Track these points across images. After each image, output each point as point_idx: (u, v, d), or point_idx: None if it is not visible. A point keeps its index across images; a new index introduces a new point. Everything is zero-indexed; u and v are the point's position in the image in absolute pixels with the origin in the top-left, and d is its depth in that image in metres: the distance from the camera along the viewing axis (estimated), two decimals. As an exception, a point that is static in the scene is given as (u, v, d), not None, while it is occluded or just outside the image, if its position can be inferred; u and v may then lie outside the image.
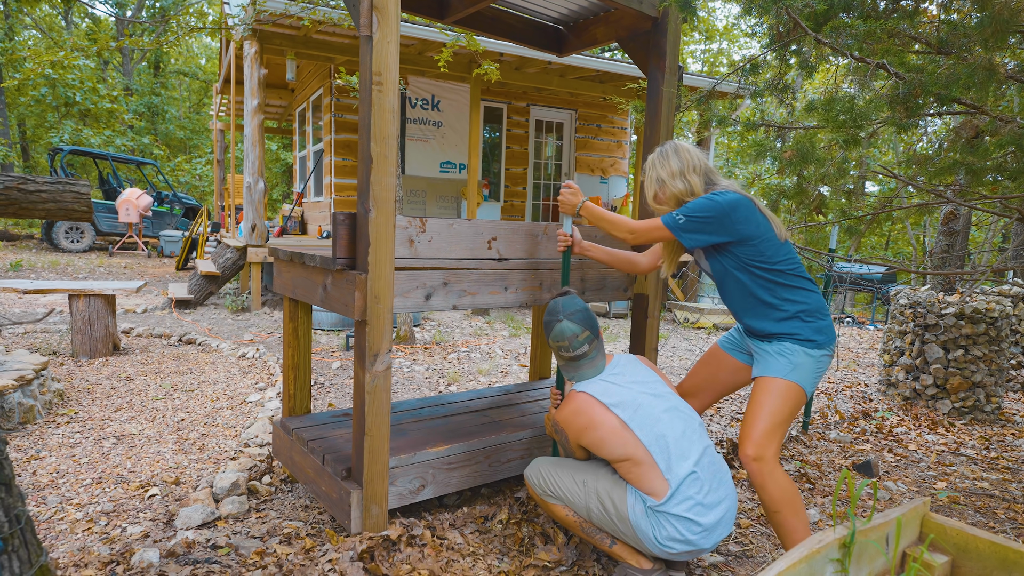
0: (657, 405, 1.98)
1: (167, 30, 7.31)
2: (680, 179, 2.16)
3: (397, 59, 2.07)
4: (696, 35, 20.91)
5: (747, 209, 2.04)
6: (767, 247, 2.05)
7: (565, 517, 2.06)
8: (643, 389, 2.02)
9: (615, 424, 1.92)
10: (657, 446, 1.90)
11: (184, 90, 26.06)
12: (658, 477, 1.87)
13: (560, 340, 2.07)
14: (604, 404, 1.96)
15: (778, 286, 2.07)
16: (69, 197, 1.84)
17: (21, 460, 2.93)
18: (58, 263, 10.81)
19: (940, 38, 2.47)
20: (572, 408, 2.01)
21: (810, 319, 2.06)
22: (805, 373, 2.03)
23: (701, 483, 1.89)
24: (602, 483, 1.99)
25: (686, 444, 1.93)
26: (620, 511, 1.92)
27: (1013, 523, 2.68)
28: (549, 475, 2.09)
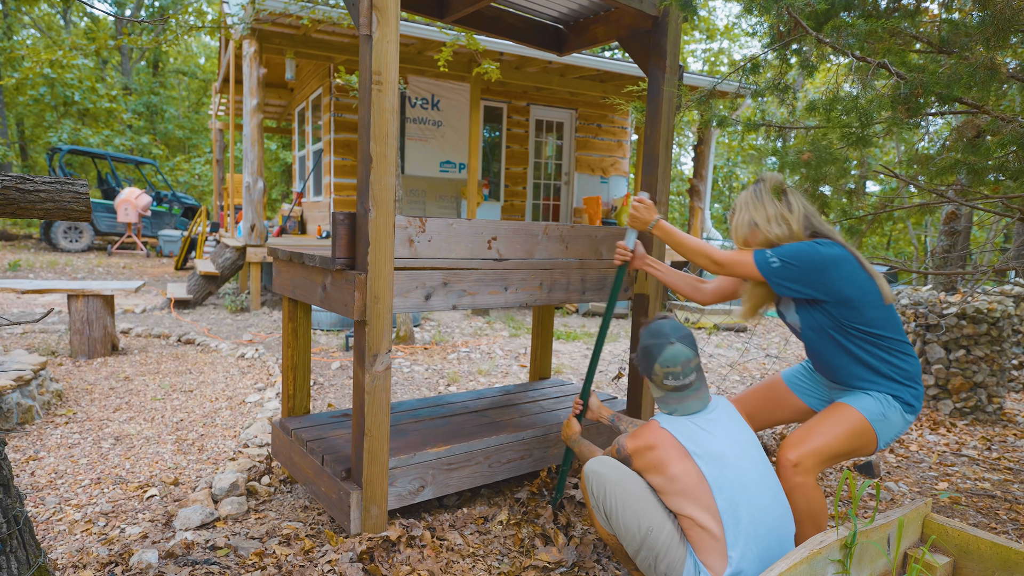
0: (747, 469, 1.72)
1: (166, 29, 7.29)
2: (777, 224, 2.00)
3: (397, 58, 2.06)
4: (697, 34, 20.91)
5: (851, 266, 1.89)
6: (869, 312, 1.90)
7: (607, 538, 1.91)
8: (735, 444, 1.77)
9: (692, 474, 1.70)
10: (731, 517, 1.66)
11: (183, 89, 26.04)
12: (720, 554, 1.65)
13: (672, 366, 1.82)
14: (686, 449, 1.73)
15: (879, 348, 1.92)
16: (68, 197, 1.83)
17: (19, 461, 2.92)
18: (57, 263, 10.80)
19: (941, 37, 2.47)
20: (648, 442, 1.79)
21: (910, 384, 1.93)
22: (888, 428, 1.91)
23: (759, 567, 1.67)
24: (663, 538, 1.74)
25: (763, 528, 1.68)
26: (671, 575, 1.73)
27: (1015, 524, 2.67)
28: (613, 498, 1.83)
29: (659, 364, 1.84)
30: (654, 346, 1.87)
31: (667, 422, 1.82)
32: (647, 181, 2.90)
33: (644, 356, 1.90)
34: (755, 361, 5.93)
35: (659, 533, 1.75)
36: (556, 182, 10.66)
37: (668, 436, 1.77)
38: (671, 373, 1.83)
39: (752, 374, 5.40)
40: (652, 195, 2.85)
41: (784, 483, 1.87)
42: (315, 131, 9.68)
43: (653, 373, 1.87)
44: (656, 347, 1.86)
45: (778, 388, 2.26)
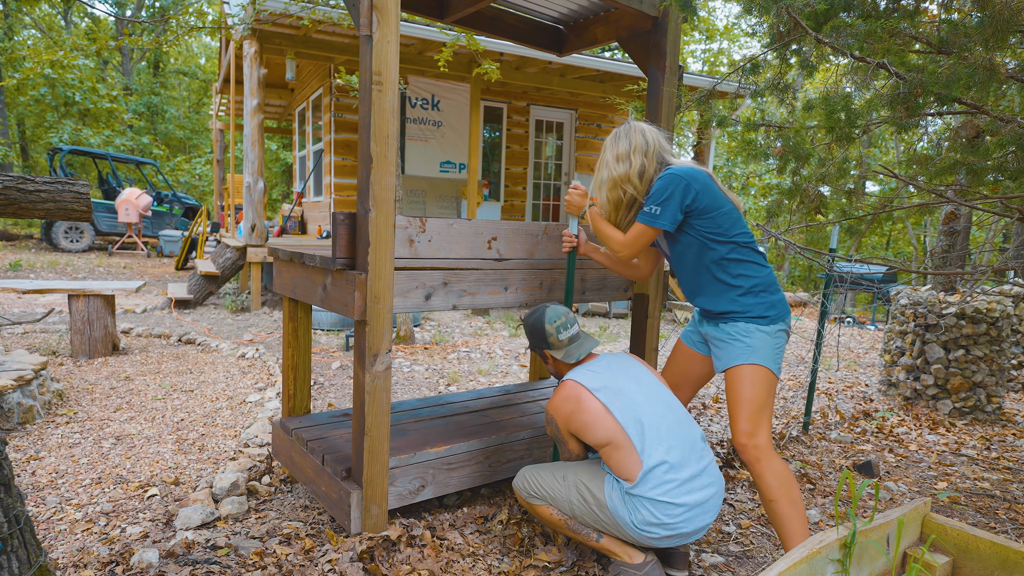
0: (638, 391, 2.02)
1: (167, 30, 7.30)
2: (619, 162, 2.20)
3: (397, 59, 2.06)
4: (696, 35, 20.91)
5: (704, 181, 2.09)
6: (724, 220, 2.09)
7: (550, 516, 2.09)
8: (626, 376, 2.07)
9: (598, 408, 1.97)
10: (634, 429, 1.93)
11: (184, 90, 26.05)
12: (635, 461, 1.91)
13: (558, 318, 2.15)
14: (589, 389, 2.01)
15: (731, 263, 2.10)
16: (68, 197, 1.84)
17: (20, 460, 2.92)
18: (57, 263, 10.80)
19: (941, 38, 2.47)
20: (561, 395, 2.05)
21: (762, 294, 2.09)
22: (765, 352, 2.06)
23: (678, 468, 1.91)
24: (581, 475, 2.04)
25: (664, 429, 1.95)
26: (598, 498, 1.96)
27: (1014, 523, 2.68)
28: (532, 478, 2.13)
29: (548, 323, 2.15)
30: (535, 317, 2.19)
31: (571, 374, 2.09)
32: (647, 181, 2.90)
33: (534, 330, 2.18)
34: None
35: (576, 473, 2.05)
36: (556, 182, 10.67)
37: (573, 383, 2.05)
38: (560, 325, 2.14)
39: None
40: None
41: (751, 469, 2.04)
42: (315, 131, 9.68)
43: (548, 335, 2.15)
44: (537, 316, 2.18)
45: (680, 349, 2.42)
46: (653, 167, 2.19)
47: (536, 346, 2.21)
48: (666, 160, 2.22)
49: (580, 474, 2.05)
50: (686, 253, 2.18)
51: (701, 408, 4.26)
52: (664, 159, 2.22)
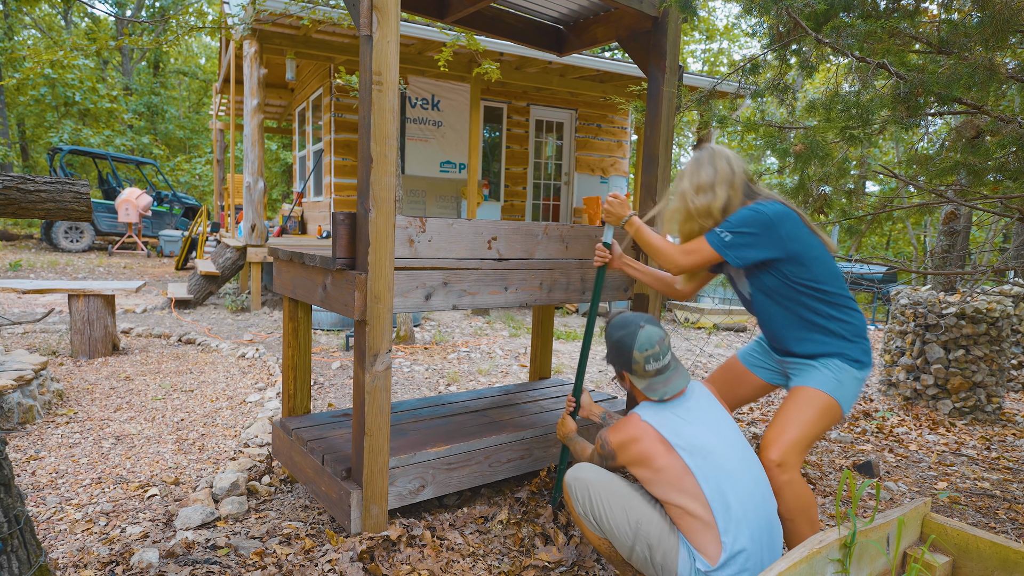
0: (729, 455, 1.74)
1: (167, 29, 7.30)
2: (703, 193, 2.01)
3: (397, 59, 2.06)
4: (696, 35, 20.91)
5: (794, 222, 1.92)
6: (817, 266, 1.93)
7: (599, 544, 1.88)
8: (710, 428, 1.79)
9: (677, 467, 1.71)
10: (719, 506, 1.68)
11: (184, 90, 26.06)
12: (714, 540, 1.67)
13: (650, 348, 1.84)
14: (669, 443, 1.74)
15: (827, 305, 1.95)
16: (68, 197, 1.84)
17: (20, 460, 2.92)
18: (57, 263, 10.80)
19: (941, 38, 2.47)
20: (630, 435, 1.79)
21: (856, 340, 1.96)
22: (847, 392, 1.93)
23: (756, 557, 1.69)
24: (655, 529, 1.76)
25: (750, 511, 1.71)
26: (668, 564, 1.72)
27: (1014, 523, 2.68)
28: (598, 500, 1.84)
29: (637, 351, 1.85)
30: (626, 335, 1.88)
31: (648, 415, 1.81)
32: (647, 181, 2.90)
33: (618, 349, 1.90)
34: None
35: (649, 524, 1.76)
36: (556, 182, 10.67)
37: (650, 429, 1.77)
38: (651, 356, 1.84)
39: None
40: (652, 195, 2.86)
41: (772, 483, 1.87)
42: (315, 131, 9.68)
43: (633, 362, 1.86)
44: (628, 336, 1.87)
45: (736, 368, 2.29)
46: (739, 200, 2.00)
47: (615, 364, 1.94)
48: (753, 191, 2.03)
49: (653, 526, 1.76)
50: (770, 299, 2.00)
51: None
52: (751, 190, 2.03)
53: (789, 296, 1.97)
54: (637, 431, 1.78)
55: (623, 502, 1.82)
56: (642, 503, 1.81)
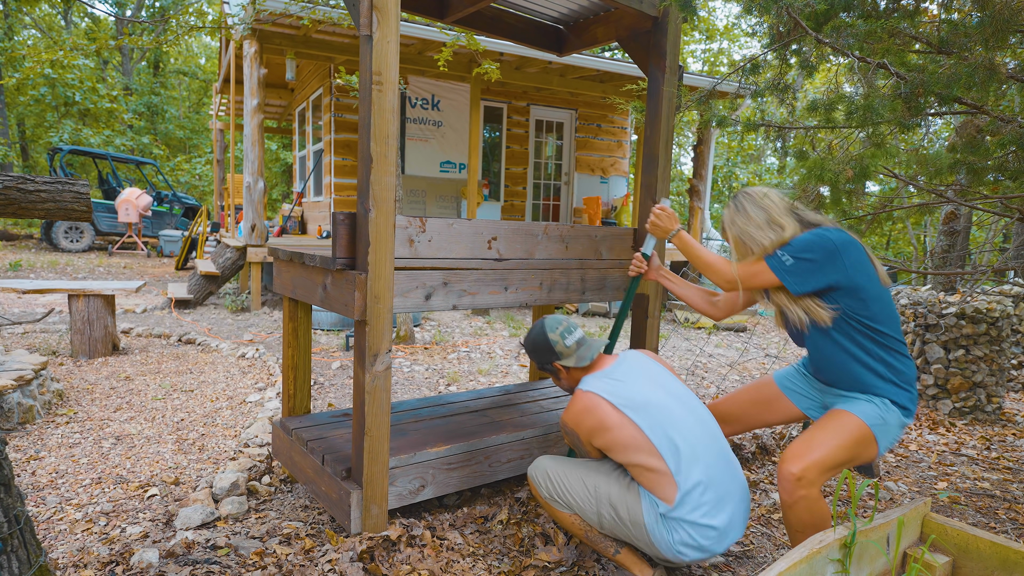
0: (668, 403, 1.90)
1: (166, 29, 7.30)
2: (770, 228, 1.95)
3: (397, 59, 2.06)
4: (696, 35, 20.91)
5: (858, 250, 1.86)
6: (874, 303, 1.86)
7: (571, 524, 2.00)
8: (653, 386, 1.94)
9: (626, 426, 1.85)
10: (668, 449, 1.83)
11: (184, 90, 26.05)
12: (670, 484, 1.82)
13: (558, 325, 2.08)
14: (613, 404, 1.88)
15: (882, 348, 1.88)
16: (68, 197, 1.84)
17: (20, 460, 2.92)
18: (57, 263, 10.80)
19: (941, 38, 2.47)
20: (580, 407, 1.93)
21: (906, 388, 1.90)
22: (887, 433, 1.87)
23: (714, 488, 1.83)
24: (614, 488, 1.92)
25: (699, 447, 1.85)
26: (635, 517, 1.87)
27: (1014, 523, 2.68)
28: (557, 478, 1.99)
29: (550, 332, 2.07)
30: (536, 333, 2.11)
31: (588, 385, 1.95)
32: (647, 181, 2.90)
33: (537, 344, 2.09)
34: (755, 361, 5.93)
35: (607, 485, 1.93)
36: (556, 182, 10.67)
37: (593, 396, 1.91)
38: (564, 331, 2.06)
39: (752, 374, 5.40)
40: (652, 195, 2.86)
41: (786, 496, 1.83)
42: (315, 131, 9.68)
43: (554, 344, 2.06)
44: (537, 331, 2.10)
45: (769, 389, 2.22)
46: (797, 225, 1.95)
47: (545, 362, 2.09)
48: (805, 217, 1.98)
49: (612, 486, 1.92)
50: (823, 334, 1.93)
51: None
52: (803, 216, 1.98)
53: (844, 332, 1.89)
54: (585, 400, 1.92)
55: (579, 473, 1.99)
56: (598, 471, 1.98)
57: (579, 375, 2.08)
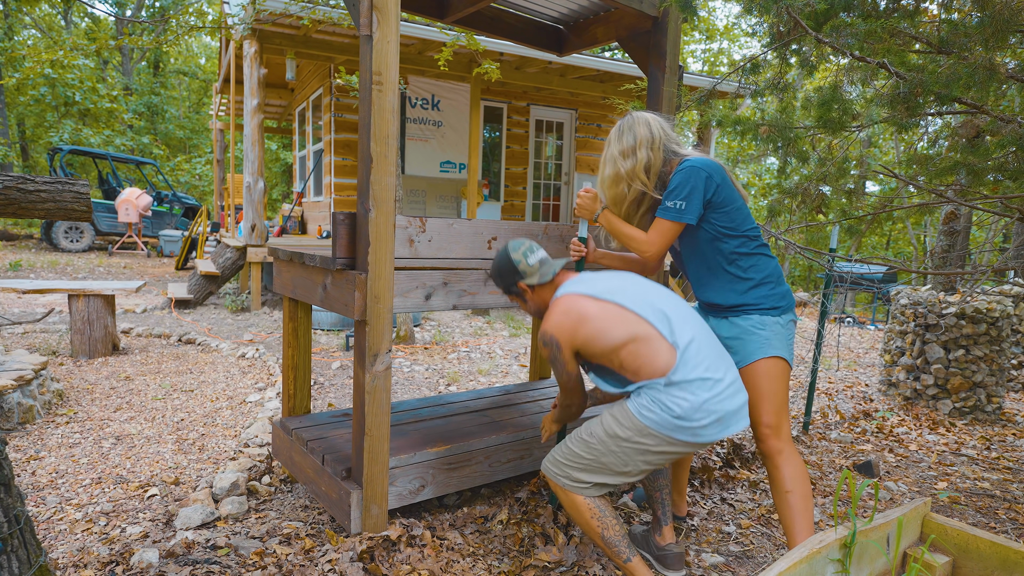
0: (645, 285, 1.94)
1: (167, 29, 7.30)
2: (626, 158, 2.14)
3: (397, 59, 2.06)
4: (696, 34, 20.91)
5: (722, 173, 2.07)
6: (737, 215, 2.08)
7: (588, 521, 1.92)
8: (625, 278, 1.97)
9: (608, 308, 1.85)
10: (655, 315, 1.83)
11: (184, 90, 26.05)
12: (666, 347, 1.80)
13: (520, 245, 2.06)
14: (591, 296, 1.88)
15: (742, 256, 2.09)
16: (68, 197, 1.84)
17: (20, 460, 2.93)
18: (57, 263, 10.80)
19: (940, 38, 2.47)
20: (559, 310, 1.89)
21: (772, 286, 2.10)
22: (780, 343, 2.06)
23: (708, 346, 1.84)
24: (604, 417, 1.90)
25: (687, 314, 1.89)
26: (635, 424, 1.81)
27: (1014, 523, 2.68)
28: (561, 455, 1.96)
29: (513, 253, 2.05)
30: (499, 256, 2.08)
31: (561, 291, 1.96)
32: (647, 181, 2.90)
33: (502, 267, 2.06)
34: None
35: (602, 419, 1.91)
36: (556, 182, 10.67)
37: (570, 296, 1.92)
38: (526, 251, 2.05)
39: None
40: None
41: (770, 459, 2.03)
42: (315, 131, 9.68)
43: (517, 263, 2.04)
44: (501, 255, 2.07)
45: None
46: (660, 160, 2.14)
47: (510, 284, 2.07)
48: (675, 151, 2.16)
49: (603, 416, 1.90)
50: (698, 247, 2.15)
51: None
52: (672, 150, 2.16)
53: (711, 245, 2.11)
54: (562, 303, 1.91)
55: (576, 436, 1.95)
56: (588, 422, 1.96)
57: (545, 294, 2.07)
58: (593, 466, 1.89)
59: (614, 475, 1.89)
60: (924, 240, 14.96)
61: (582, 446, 1.91)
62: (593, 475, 1.90)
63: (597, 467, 1.89)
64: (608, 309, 1.85)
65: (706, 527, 2.51)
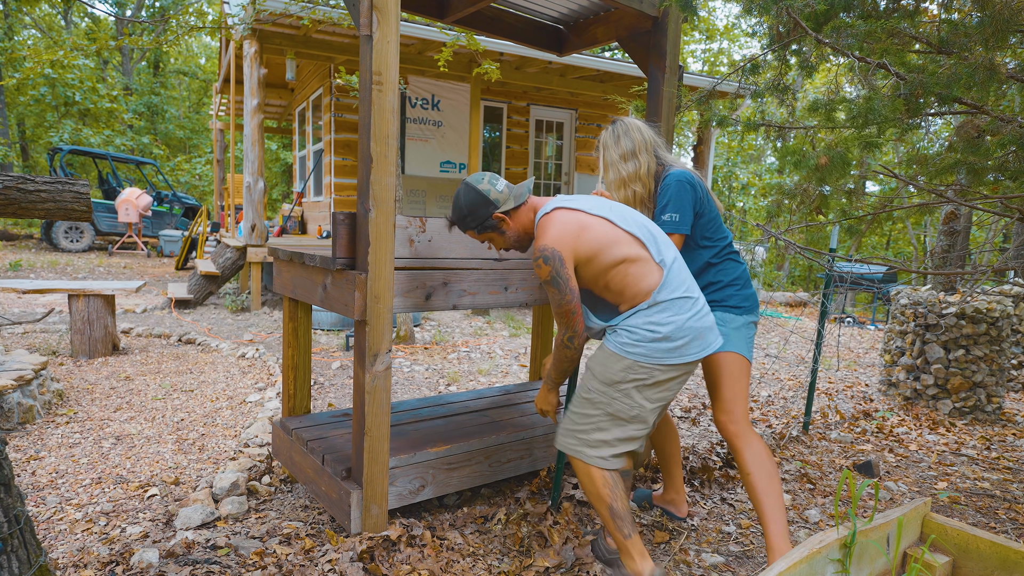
0: (624, 207, 1.99)
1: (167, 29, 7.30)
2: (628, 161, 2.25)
3: (397, 59, 2.06)
4: (696, 35, 20.91)
5: (701, 185, 2.22)
6: (711, 224, 2.22)
7: (599, 490, 1.91)
8: (602, 199, 2.01)
9: (601, 222, 1.87)
10: (644, 234, 1.90)
11: (184, 90, 26.05)
12: (653, 268, 1.86)
13: (483, 176, 1.99)
14: (583, 210, 1.90)
15: (714, 265, 2.23)
16: (68, 197, 1.84)
17: (20, 460, 2.93)
18: (57, 263, 10.80)
19: (941, 38, 2.47)
20: (556, 222, 1.86)
21: (739, 288, 2.23)
22: (738, 340, 2.18)
23: (685, 266, 1.95)
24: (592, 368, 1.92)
25: (663, 234, 1.98)
26: (624, 363, 1.84)
27: (1014, 523, 2.68)
28: (572, 423, 1.96)
29: (478, 185, 1.95)
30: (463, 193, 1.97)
31: (546, 208, 1.94)
32: (647, 181, 2.90)
33: (470, 201, 1.95)
34: (755, 361, 5.93)
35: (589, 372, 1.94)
36: (556, 182, 10.66)
37: (562, 210, 1.90)
38: (490, 180, 1.97)
39: (752, 374, 5.40)
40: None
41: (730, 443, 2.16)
42: (315, 131, 9.68)
43: (487, 193, 1.95)
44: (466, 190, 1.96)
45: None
46: (654, 163, 2.26)
47: (484, 218, 1.95)
48: (661, 156, 2.28)
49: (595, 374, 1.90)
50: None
51: (701, 408, 4.26)
52: (659, 155, 2.28)
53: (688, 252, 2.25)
54: (557, 216, 1.89)
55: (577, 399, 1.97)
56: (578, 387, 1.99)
57: (524, 217, 2.00)
58: (605, 420, 1.90)
59: (628, 423, 1.90)
60: (924, 240, 14.97)
61: (586, 405, 1.93)
62: (610, 429, 1.91)
63: (609, 419, 1.90)
64: (601, 223, 1.87)
65: (706, 527, 2.52)
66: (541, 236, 1.88)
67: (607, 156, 2.28)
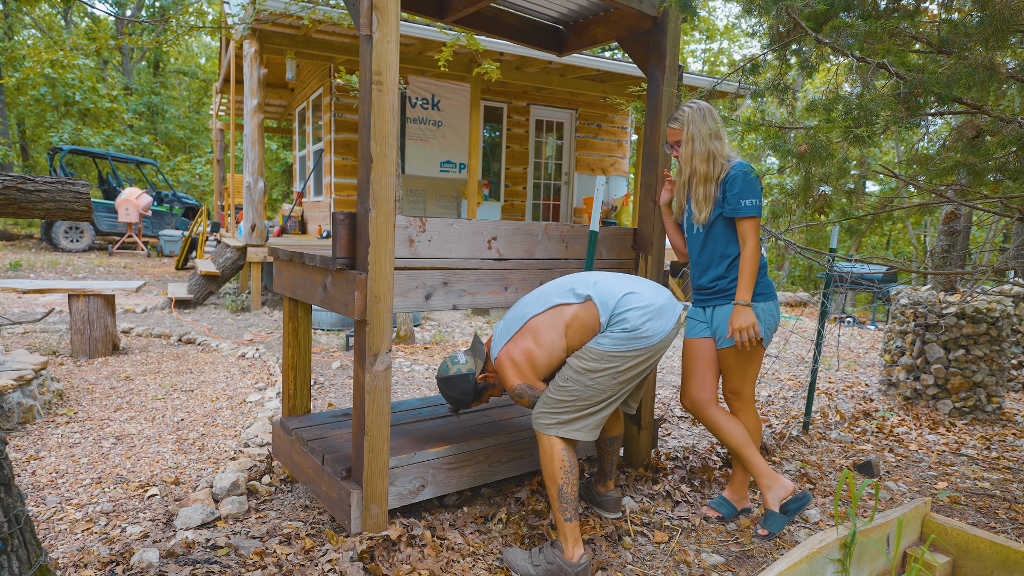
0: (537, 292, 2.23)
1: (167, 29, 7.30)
2: (716, 139, 2.42)
3: (397, 59, 2.06)
4: (696, 35, 20.92)
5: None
6: None
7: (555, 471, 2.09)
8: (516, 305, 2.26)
9: (529, 331, 2.12)
10: (559, 291, 2.15)
11: (184, 89, 26.05)
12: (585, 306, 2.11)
13: (447, 367, 2.30)
14: (512, 338, 2.14)
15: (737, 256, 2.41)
16: (68, 197, 1.84)
17: (20, 460, 2.93)
18: (57, 263, 10.80)
19: (941, 37, 2.47)
20: (507, 365, 2.13)
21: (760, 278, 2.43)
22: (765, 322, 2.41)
23: (612, 275, 2.19)
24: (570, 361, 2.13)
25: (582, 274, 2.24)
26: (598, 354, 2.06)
27: (1014, 523, 2.68)
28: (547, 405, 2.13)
29: (452, 368, 2.29)
30: (449, 381, 2.30)
31: (493, 353, 2.22)
32: (647, 181, 2.90)
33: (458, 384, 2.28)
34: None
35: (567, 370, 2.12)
36: (556, 182, 10.67)
37: (502, 352, 2.17)
38: (453, 358, 2.31)
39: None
40: (652, 195, 2.86)
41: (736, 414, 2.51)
42: (315, 131, 9.68)
43: (462, 371, 2.27)
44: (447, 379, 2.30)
45: (697, 346, 2.54)
46: (726, 150, 2.46)
47: (475, 388, 2.30)
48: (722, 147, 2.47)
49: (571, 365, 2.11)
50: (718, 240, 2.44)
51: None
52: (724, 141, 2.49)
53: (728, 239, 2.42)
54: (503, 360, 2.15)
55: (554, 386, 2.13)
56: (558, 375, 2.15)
57: (490, 366, 2.33)
58: (577, 405, 2.10)
59: (599, 405, 2.12)
60: (924, 240, 14.97)
61: (561, 392, 2.11)
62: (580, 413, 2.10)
63: (581, 405, 2.10)
64: (532, 332, 2.11)
65: (706, 527, 2.52)
66: (506, 379, 2.15)
67: (694, 130, 2.40)
